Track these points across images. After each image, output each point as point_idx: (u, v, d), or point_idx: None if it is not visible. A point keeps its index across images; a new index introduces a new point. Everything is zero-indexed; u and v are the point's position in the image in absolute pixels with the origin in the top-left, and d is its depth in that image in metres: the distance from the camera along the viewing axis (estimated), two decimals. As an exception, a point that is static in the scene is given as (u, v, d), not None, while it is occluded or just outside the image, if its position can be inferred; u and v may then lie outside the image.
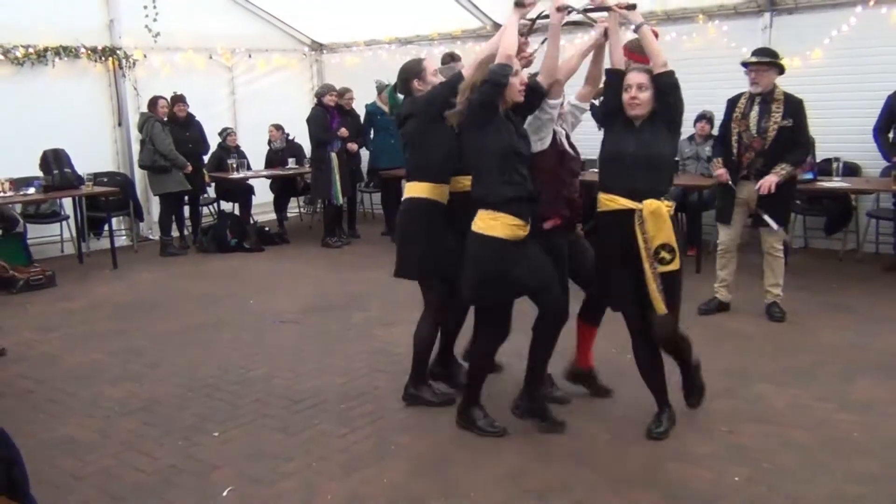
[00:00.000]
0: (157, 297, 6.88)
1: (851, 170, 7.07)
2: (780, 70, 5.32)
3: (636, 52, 6.35)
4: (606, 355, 4.62)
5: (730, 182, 5.40)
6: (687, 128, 7.58)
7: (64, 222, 8.67)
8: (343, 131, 8.74)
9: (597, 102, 4.71)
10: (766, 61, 5.25)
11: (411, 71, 4.07)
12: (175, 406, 4.37)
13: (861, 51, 7.00)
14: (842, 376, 4.42)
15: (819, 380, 4.38)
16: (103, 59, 9.07)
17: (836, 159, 6.85)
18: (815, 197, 7.25)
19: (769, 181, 5.18)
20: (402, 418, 4.08)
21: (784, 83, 7.41)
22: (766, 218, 5.30)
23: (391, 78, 4.31)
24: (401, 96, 4.27)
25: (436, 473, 3.48)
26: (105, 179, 8.88)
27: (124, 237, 9.34)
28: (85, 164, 8.39)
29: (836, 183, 6.56)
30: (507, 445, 3.69)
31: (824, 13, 7.22)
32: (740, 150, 5.35)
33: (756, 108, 5.29)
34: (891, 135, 6.55)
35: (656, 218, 3.50)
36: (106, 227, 8.58)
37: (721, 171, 5.45)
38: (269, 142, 9.95)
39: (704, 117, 7.54)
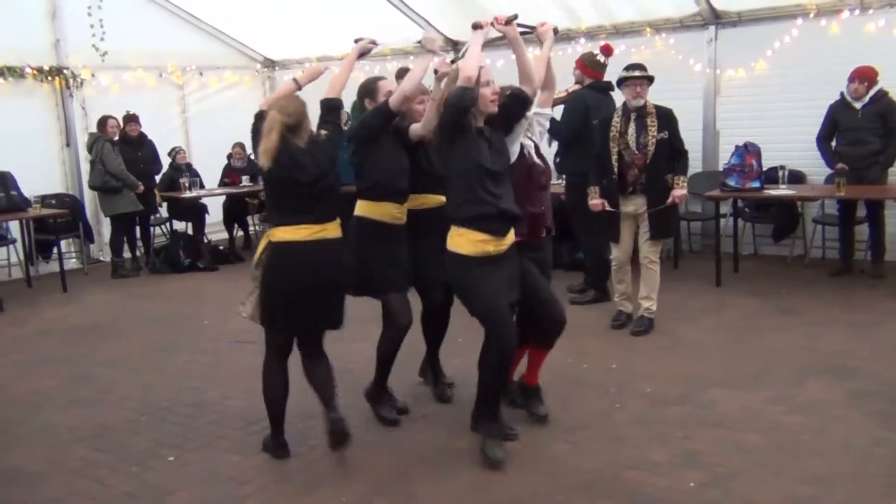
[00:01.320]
0: (109, 320, 6.75)
1: (797, 177, 7.25)
2: (651, 83, 5.44)
3: (588, 66, 6.48)
4: (562, 366, 4.65)
5: (607, 208, 5.47)
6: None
7: (11, 246, 8.46)
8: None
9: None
10: (648, 76, 5.34)
11: (365, 90, 4.13)
12: (128, 431, 4.28)
13: (803, 62, 7.20)
14: (791, 379, 4.52)
15: (769, 383, 4.47)
16: (50, 78, 8.92)
17: (782, 167, 7.01)
18: (763, 204, 7.42)
19: (681, 193, 5.32)
20: (360, 435, 4.04)
21: (730, 94, 7.67)
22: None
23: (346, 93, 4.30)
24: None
25: (396, 490, 3.46)
26: (53, 201, 8.70)
27: (74, 260, 9.15)
28: (32, 186, 8.23)
29: (782, 190, 6.72)
30: (467, 459, 3.69)
31: (767, 25, 7.41)
32: (622, 167, 5.41)
33: (633, 125, 5.38)
34: (833, 143, 6.73)
35: None
36: (55, 250, 8.40)
37: (596, 202, 5.51)
38: (229, 156, 9.84)
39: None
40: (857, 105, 6.48)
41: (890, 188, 6.52)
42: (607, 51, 6.47)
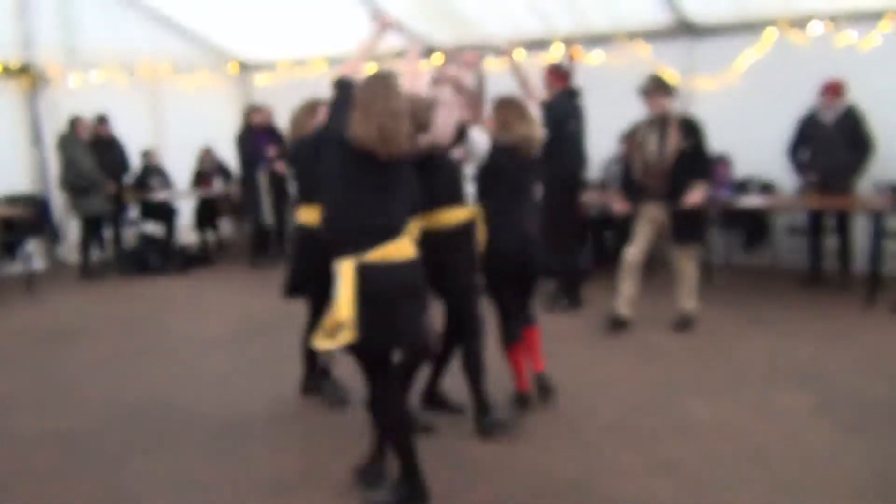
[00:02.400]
0: (76, 322, 6.63)
1: (767, 188, 7.34)
2: (670, 94, 5.56)
3: (555, 74, 6.52)
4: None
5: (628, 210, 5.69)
6: (612, 147, 7.78)
7: (-25, 246, 8.30)
8: (271, 151, 8.66)
9: None
10: (666, 87, 5.49)
11: None
12: (97, 436, 4.20)
13: (774, 74, 7.30)
14: (761, 388, 4.56)
15: (740, 392, 4.51)
16: (17, 76, 8.76)
17: (753, 177, 7.10)
18: (734, 214, 7.51)
19: (694, 199, 5.40)
20: (330, 441, 4.02)
21: (702, 104, 7.75)
22: None
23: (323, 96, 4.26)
24: None
25: (363, 494, 3.43)
26: (20, 201, 8.55)
27: (41, 260, 8.98)
28: (-3, 184, 8.09)
29: (752, 200, 6.80)
30: (437, 465, 3.67)
31: (740, 37, 7.50)
32: (646, 174, 5.57)
33: (654, 134, 5.53)
34: (803, 155, 6.82)
35: None
36: (21, 250, 8.24)
37: (619, 207, 5.76)
38: (199, 160, 9.75)
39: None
40: (827, 117, 6.59)
41: (857, 199, 6.63)
42: (572, 57, 6.54)
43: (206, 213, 9.83)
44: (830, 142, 6.56)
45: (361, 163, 3.04)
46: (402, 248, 3.07)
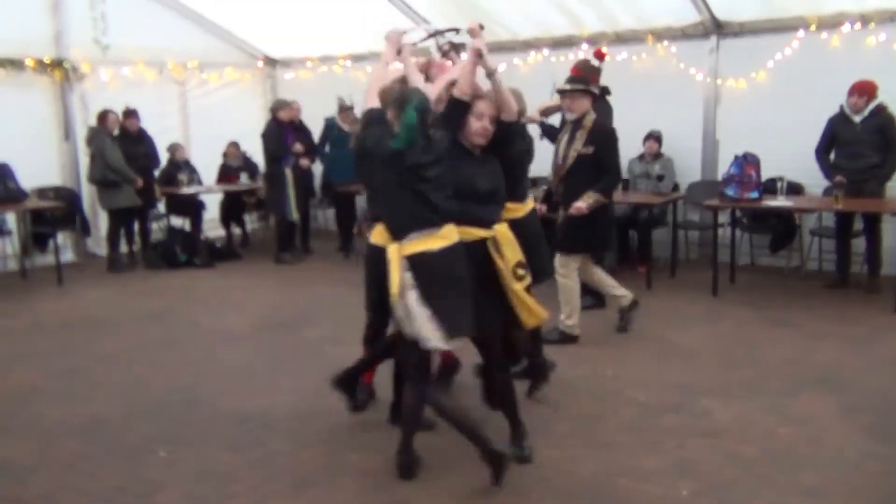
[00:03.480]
0: (103, 314, 6.73)
1: (795, 189, 7.26)
2: (593, 97, 5.36)
3: (583, 72, 6.49)
4: (556, 372, 4.64)
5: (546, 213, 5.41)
6: (636, 146, 7.74)
7: (7, 238, 8.44)
8: (298, 147, 8.71)
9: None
10: (580, 88, 5.25)
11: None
12: (120, 426, 4.27)
13: (803, 74, 7.21)
14: (784, 391, 4.52)
15: (763, 394, 4.47)
16: (50, 71, 8.89)
17: (781, 179, 7.02)
18: (760, 215, 7.43)
19: (577, 206, 5.16)
20: (353, 436, 4.05)
21: (731, 104, 7.68)
22: None
23: (351, 93, 4.24)
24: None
25: (387, 491, 3.46)
26: (51, 194, 8.70)
27: (70, 253, 9.12)
28: (30, 178, 8.22)
29: (780, 202, 6.73)
30: (458, 463, 3.68)
31: (768, 37, 7.41)
32: (553, 177, 5.47)
33: (566, 136, 5.36)
34: (832, 156, 6.74)
35: (508, 240, 3.56)
36: (51, 243, 8.38)
37: (538, 206, 5.24)
38: (224, 155, 9.85)
39: (653, 136, 7.69)
40: (856, 119, 6.49)
41: (887, 202, 6.53)
42: (599, 55, 6.48)
43: (232, 208, 9.91)
44: (859, 143, 6.47)
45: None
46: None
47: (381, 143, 3.36)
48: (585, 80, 5.33)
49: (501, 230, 3.57)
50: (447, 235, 3.38)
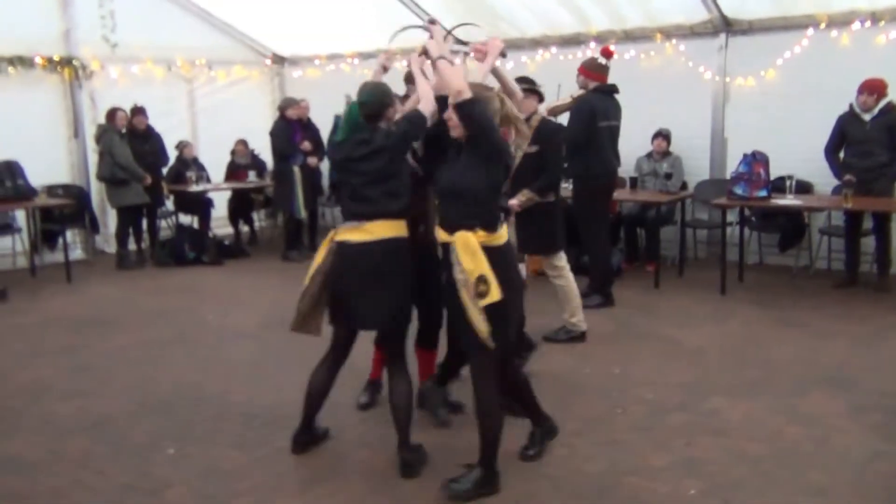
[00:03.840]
0: (112, 311, 6.75)
1: (804, 188, 7.23)
2: (540, 98, 5.31)
3: (590, 69, 6.47)
4: (563, 370, 4.64)
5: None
6: (644, 144, 7.72)
7: (17, 235, 8.48)
8: (306, 145, 8.73)
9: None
10: (525, 88, 5.12)
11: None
12: (128, 423, 4.29)
13: (813, 72, 7.18)
14: (793, 390, 4.50)
15: (771, 393, 4.46)
16: (59, 69, 8.93)
17: (790, 177, 6.99)
18: (769, 214, 7.40)
19: (511, 203, 4.99)
20: (360, 434, 4.06)
21: (739, 102, 7.65)
22: None
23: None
24: None
25: (393, 489, 3.46)
26: (60, 191, 8.73)
27: (79, 250, 9.16)
28: (39, 175, 8.25)
29: (789, 200, 6.70)
30: (466, 461, 3.67)
31: (778, 35, 7.38)
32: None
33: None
34: (841, 155, 6.71)
35: (466, 249, 3.23)
36: (60, 240, 8.41)
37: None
38: (232, 153, 9.87)
39: (661, 134, 7.66)
40: (866, 117, 6.46)
41: (897, 201, 6.50)
42: (607, 53, 6.46)
43: (240, 206, 9.93)
44: (869, 142, 6.44)
45: None
46: None
47: (331, 138, 3.46)
48: (531, 80, 5.31)
49: (461, 237, 3.24)
50: (371, 231, 3.49)
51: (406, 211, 3.60)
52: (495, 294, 3.19)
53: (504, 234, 3.38)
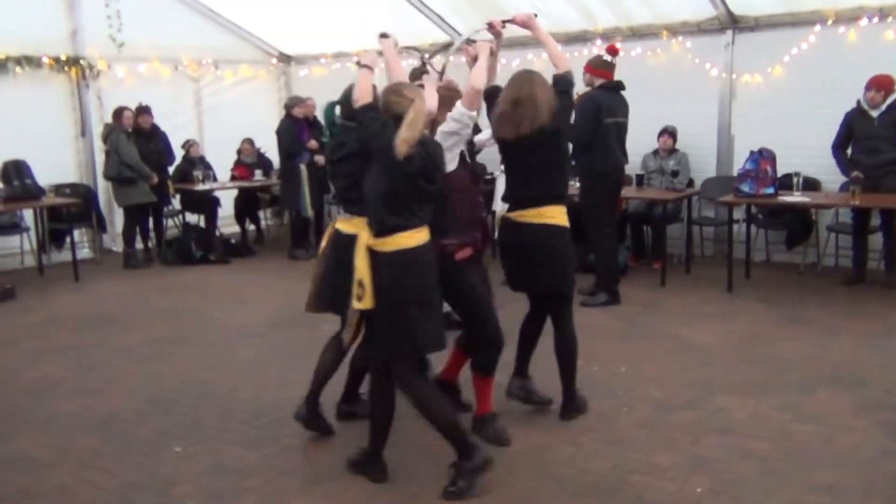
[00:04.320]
0: (119, 310, 6.77)
1: (811, 185, 7.19)
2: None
3: (596, 67, 6.46)
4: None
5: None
6: (651, 142, 7.70)
7: (24, 234, 8.51)
8: (312, 143, 8.73)
9: None
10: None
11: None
12: (135, 421, 4.30)
13: (820, 69, 7.14)
14: (799, 387, 4.49)
15: (778, 391, 4.44)
16: (66, 68, 8.96)
17: (797, 174, 6.96)
18: (776, 211, 7.37)
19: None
20: (365, 433, 4.04)
21: (746, 99, 7.62)
22: None
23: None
24: None
25: (400, 487, 3.47)
26: (67, 190, 8.76)
27: (87, 249, 9.19)
28: (47, 175, 8.27)
29: (796, 197, 6.67)
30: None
31: (785, 31, 7.35)
32: None
33: None
34: (849, 151, 6.68)
35: (360, 250, 3.33)
36: (68, 239, 8.44)
37: None
38: (238, 152, 9.89)
39: (667, 131, 7.64)
40: (874, 113, 6.43)
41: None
42: (612, 51, 6.44)
43: (246, 205, 9.94)
44: (877, 138, 6.41)
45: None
46: None
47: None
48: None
49: (361, 235, 3.35)
50: (356, 225, 3.59)
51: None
52: (368, 301, 3.28)
53: (403, 241, 3.27)
